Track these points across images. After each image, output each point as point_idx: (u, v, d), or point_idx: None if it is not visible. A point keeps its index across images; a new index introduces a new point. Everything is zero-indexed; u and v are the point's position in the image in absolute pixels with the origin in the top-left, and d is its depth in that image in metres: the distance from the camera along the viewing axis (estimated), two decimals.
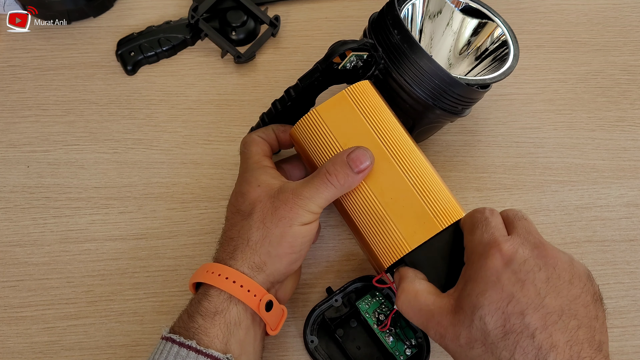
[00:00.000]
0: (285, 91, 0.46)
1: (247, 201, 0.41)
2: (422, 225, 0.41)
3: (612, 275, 0.51)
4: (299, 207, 0.39)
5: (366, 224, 0.42)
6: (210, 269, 0.39)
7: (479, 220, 0.38)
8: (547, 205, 0.54)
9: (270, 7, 0.62)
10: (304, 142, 0.44)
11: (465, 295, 0.35)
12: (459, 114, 0.48)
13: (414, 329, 0.45)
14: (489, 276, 0.34)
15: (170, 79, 0.58)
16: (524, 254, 0.34)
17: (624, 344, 0.48)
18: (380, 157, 0.42)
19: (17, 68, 0.58)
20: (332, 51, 0.43)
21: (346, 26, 0.62)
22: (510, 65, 0.48)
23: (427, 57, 0.44)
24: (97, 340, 0.47)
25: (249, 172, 0.43)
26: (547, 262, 0.34)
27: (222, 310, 0.38)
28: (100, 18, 0.61)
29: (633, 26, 0.64)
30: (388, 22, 0.45)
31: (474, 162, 0.55)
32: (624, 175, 0.55)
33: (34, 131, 0.55)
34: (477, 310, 0.33)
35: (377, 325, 0.45)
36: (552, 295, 0.33)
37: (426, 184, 0.42)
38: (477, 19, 0.51)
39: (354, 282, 0.46)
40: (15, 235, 0.51)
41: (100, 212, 0.52)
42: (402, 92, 0.45)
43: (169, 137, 0.55)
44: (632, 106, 0.59)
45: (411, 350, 0.44)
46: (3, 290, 0.48)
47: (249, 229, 0.40)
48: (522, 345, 0.32)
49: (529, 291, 0.33)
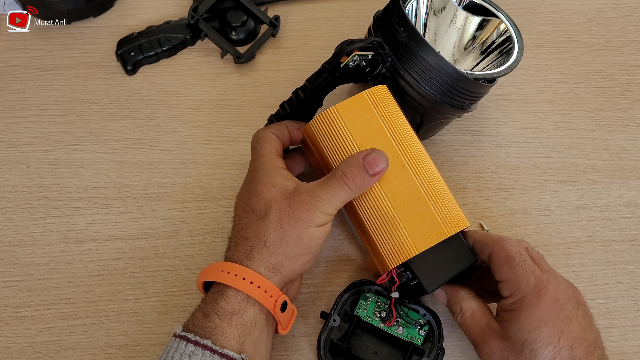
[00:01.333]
0: (294, 92, 0.46)
1: (262, 201, 0.41)
2: (431, 230, 0.42)
3: (612, 275, 0.51)
4: (316, 208, 0.40)
5: (375, 225, 0.42)
6: (226, 268, 0.39)
7: (514, 256, 0.40)
8: (547, 205, 0.54)
9: (270, 7, 0.62)
10: (319, 138, 0.44)
11: (516, 329, 0.38)
12: (466, 109, 0.48)
13: (415, 310, 0.46)
14: (541, 315, 0.38)
15: (170, 79, 0.58)
16: (566, 294, 0.39)
17: (624, 344, 0.48)
18: (395, 161, 0.43)
19: (17, 68, 0.58)
20: (339, 51, 0.43)
21: (346, 26, 0.62)
22: (515, 59, 0.48)
23: (434, 54, 0.44)
24: (97, 340, 0.47)
25: (263, 172, 0.43)
26: (579, 301, 0.40)
27: (239, 311, 0.38)
28: (100, 18, 0.61)
29: (633, 26, 0.64)
30: (393, 20, 0.45)
31: (474, 162, 0.55)
32: (624, 175, 0.55)
33: (34, 131, 0.55)
34: (528, 343, 0.38)
35: (383, 323, 0.45)
36: (589, 329, 0.39)
37: (436, 191, 0.43)
38: (480, 16, 0.51)
39: (342, 295, 0.46)
40: (15, 235, 0.51)
41: (100, 212, 0.52)
42: (410, 89, 0.46)
43: (169, 137, 0.55)
44: (632, 106, 0.59)
45: (424, 330, 0.45)
46: (3, 290, 0.48)
47: (266, 229, 0.40)
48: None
49: (574, 327, 0.38)
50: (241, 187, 0.45)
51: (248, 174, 0.44)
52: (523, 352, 0.38)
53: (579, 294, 0.40)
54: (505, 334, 0.39)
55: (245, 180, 0.44)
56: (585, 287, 0.50)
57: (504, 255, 0.40)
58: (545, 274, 0.40)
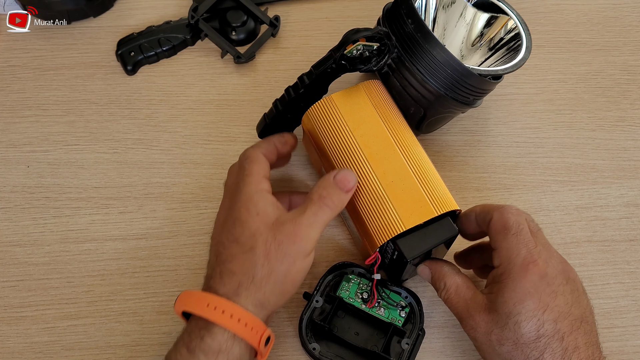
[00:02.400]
0: (299, 77, 0.46)
1: (247, 232, 0.40)
2: (419, 208, 0.43)
3: (612, 275, 0.51)
4: (301, 237, 0.40)
5: (364, 203, 0.44)
6: (213, 303, 0.38)
7: (512, 226, 0.40)
8: (547, 205, 0.54)
9: (270, 7, 0.62)
10: (315, 125, 0.47)
11: (501, 301, 0.39)
12: (470, 104, 0.48)
13: (397, 292, 0.46)
14: (527, 288, 0.38)
15: (170, 79, 0.58)
16: (555, 269, 0.39)
17: (624, 344, 0.48)
18: (386, 144, 0.45)
19: (17, 68, 0.58)
20: (345, 39, 0.44)
21: (346, 26, 0.61)
22: (522, 57, 0.48)
23: (440, 47, 0.44)
24: (97, 340, 0.47)
25: (248, 197, 0.41)
26: (569, 276, 0.40)
27: (225, 349, 0.37)
28: (100, 18, 0.61)
29: (633, 26, 0.64)
30: (402, 12, 0.45)
31: (474, 162, 0.55)
32: (624, 175, 0.55)
33: (34, 131, 0.55)
34: (513, 316, 0.38)
35: (365, 304, 0.46)
36: (575, 304, 0.39)
37: (426, 174, 0.44)
38: (488, 13, 0.52)
39: (325, 277, 0.47)
40: (15, 235, 0.51)
41: (100, 212, 0.52)
42: (415, 81, 0.46)
43: (169, 137, 0.55)
44: (632, 106, 0.59)
45: (405, 311, 0.45)
46: (3, 290, 0.48)
47: (254, 265, 0.39)
48: (552, 347, 0.37)
49: (560, 301, 0.38)
50: (222, 209, 0.44)
51: (230, 192, 0.44)
52: (507, 324, 0.38)
53: (570, 269, 0.40)
54: (491, 306, 0.39)
55: (227, 202, 0.43)
56: (585, 287, 0.49)
57: (502, 223, 0.40)
58: (538, 247, 0.40)
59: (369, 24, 0.49)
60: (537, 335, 0.38)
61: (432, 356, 0.47)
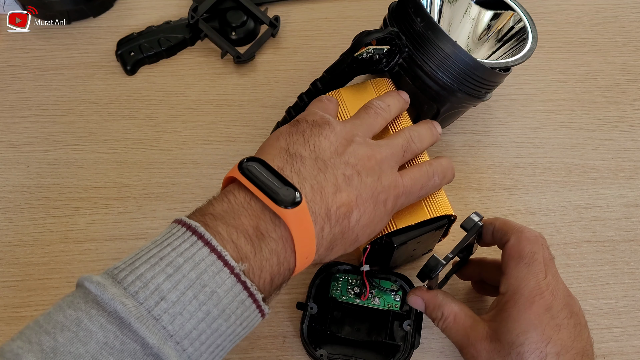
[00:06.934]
0: (312, 84, 0.47)
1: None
2: (413, 210, 0.43)
3: (612, 275, 0.51)
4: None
5: None
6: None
7: (526, 255, 0.40)
8: (547, 206, 0.54)
9: (270, 7, 0.62)
10: None
11: (505, 331, 0.38)
12: (481, 97, 0.48)
13: (386, 278, 0.47)
14: (532, 319, 0.38)
15: (170, 79, 0.58)
16: (560, 302, 0.39)
17: (624, 344, 0.48)
18: None
19: (17, 68, 0.58)
20: (357, 42, 0.44)
21: (346, 26, 0.62)
22: (530, 47, 0.48)
23: (452, 43, 0.44)
24: None
25: None
26: (572, 310, 0.40)
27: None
28: (100, 18, 0.61)
29: (633, 26, 0.64)
30: (410, 10, 0.45)
31: (474, 162, 0.55)
32: (623, 175, 0.55)
33: (34, 131, 0.55)
34: (516, 347, 0.38)
35: (359, 298, 0.46)
36: (578, 338, 0.39)
37: None
38: (491, 10, 0.52)
39: (313, 282, 0.47)
40: (15, 235, 0.50)
41: (100, 212, 0.52)
42: (427, 78, 0.46)
43: (169, 137, 0.55)
44: (632, 106, 0.59)
45: (398, 294, 0.46)
46: (3, 290, 0.48)
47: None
48: None
49: (563, 335, 0.38)
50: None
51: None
52: (510, 354, 0.38)
53: (574, 303, 0.40)
54: (494, 335, 0.39)
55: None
56: (585, 287, 0.50)
57: (517, 250, 0.40)
58: (547, 279, 0.39)
59: (369, 24, 0.49)
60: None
61: (432, 356, 0.47)
